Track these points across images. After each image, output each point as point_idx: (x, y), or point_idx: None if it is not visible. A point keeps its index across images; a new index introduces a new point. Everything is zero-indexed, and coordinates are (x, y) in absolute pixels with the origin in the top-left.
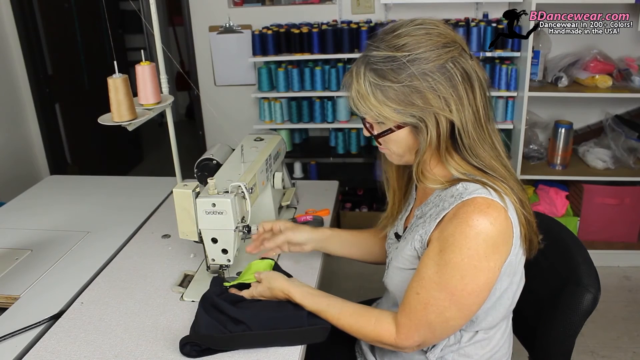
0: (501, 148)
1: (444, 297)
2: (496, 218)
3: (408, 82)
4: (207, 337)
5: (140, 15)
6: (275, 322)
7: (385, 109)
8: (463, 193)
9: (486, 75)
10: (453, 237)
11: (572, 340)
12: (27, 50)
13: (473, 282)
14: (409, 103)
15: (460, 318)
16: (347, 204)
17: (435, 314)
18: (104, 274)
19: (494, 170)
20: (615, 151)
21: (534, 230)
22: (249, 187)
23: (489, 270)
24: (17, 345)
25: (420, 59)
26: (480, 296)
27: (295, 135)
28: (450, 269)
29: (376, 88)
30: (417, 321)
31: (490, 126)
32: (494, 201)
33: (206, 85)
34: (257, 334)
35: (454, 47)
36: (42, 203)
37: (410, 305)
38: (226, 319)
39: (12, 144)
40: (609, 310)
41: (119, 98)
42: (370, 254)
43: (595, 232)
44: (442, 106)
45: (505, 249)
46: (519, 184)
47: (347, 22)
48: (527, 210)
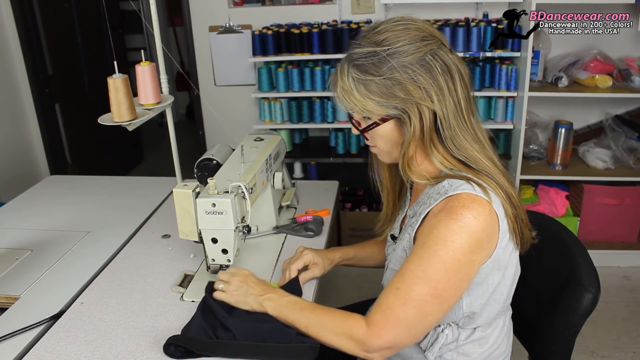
0: (486, 142)
1: (425, 292)
2: (480, 213)
3: (389, 75)
4: (192, 340)
5: (140, 15)
6: (262, 335)
7: (368, 103)
8: (448, 190)
9: (467, 70)
10: (437, 230)
11: (572, 340)
12: (27, 50)
13: (455, 275)
14: (391, 95)
15: (439, 312)
16: (347, 204)
17: (416, 309)
18: (104, 274)
19: (477, 163)
20: (615, 151)
21: (525, 223)
22: (249, 187)
23: (471, 264)
24: (17, 345)
25: (400, 52)
26: (460, 289)
27: (295, 135)
28: (433, 262)
29: (359, 83)
30: (394, 318)
31: (474, 119)
32: (478, 196)
33: (206, 85)
34: (243, 344)
35: (432, 40)
36: (42, 203)
37: (388, 302)
38: (218, 324)
39: (12, 144)
40: (609, 310)
41: (119, 98)
42: (381, 261)
43: (595, 232)
44: (423, 96)
45: (489, 244)
46: (507, 178)
47: (347, 22)
48: (514, 204)
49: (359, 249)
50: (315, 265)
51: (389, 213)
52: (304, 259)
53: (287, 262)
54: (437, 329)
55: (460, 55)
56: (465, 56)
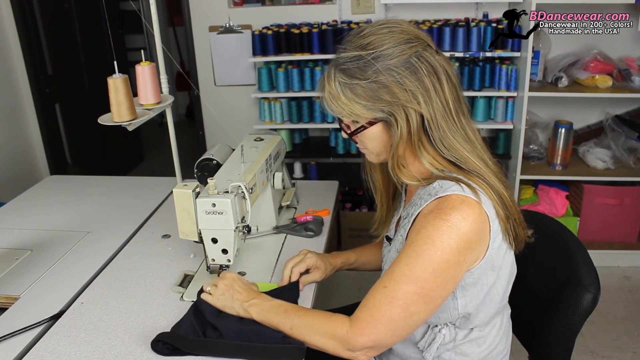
0: (478, 141)
1: (413, 290)
2: (469, 214)
3: (374, 78)
4: (179, 338)
5: (140, 15)
6: (248, 335)
7: (355, 106)
8: (438, 191)
9: (455, 70)
10: (426, 229)
11: (572, 340)
12: (27, 50)
13: (443, 275)
14: (377, 98)
15: (424, 312)
16: (347, 204)
17: (401, 308)
18: (104, 274)
19: (468, 164)
20: (615, 151)
21: (519, 223)
22: (249, 187)
23: (459, 265)
24: (17, 345)
25: (385, 55)
26: (446, 289)
27: (295, 135)
28: (422, 262)
29: (345, 87)
30: (379, 316)
31: (464, 119)
32: (468, 197)
33: (206, 85)
34: (229, 343)
35: (417, 42)
36: (42, 203)
37: (374, 300)
38: (208, 324)
39: (12, 144)
40: (609, 310)
41: (119, 98)
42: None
43: (595, 232)
44: (410, 99)
45: (479, 245)
46: (499, 178)
47: (347, 22)
48: (507, 204)
49: (360, 253)
50: (317, 269)
51: (383, 215)
52: (307, 262)
53: (289, 262)
54: (434, 329)
55: (460, 55)
56: (465, 56)
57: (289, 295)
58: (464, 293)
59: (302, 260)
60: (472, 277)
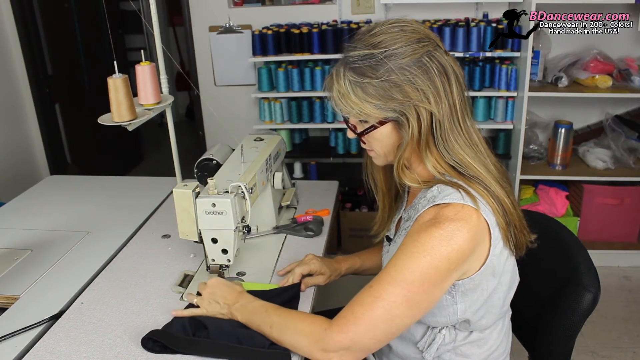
0: (482, 145)
1: (397, 293)
2: (464, 225)
3: (386, 77)
4: (169, 336)
5: (140, 15)
6: (237, 337)
7: (366, 106)
8: (437, 197)
9: (462, 72)
10: (418, 234)
11: (572, 340)
12: (27, 50)
13: (430, 280)
14: (389, 98)
15: (407, 317)
16: (347, 204)
17: (384, 309)
18: (104, 274)
19: (469, 169)
20: (615, 151)
21: (520, 229)
22: (249, 187)
23: (448, 273)
24: (17, 345)
25: (397, 54)
26: (432, 296)
27: (295, 135)
28: (410, 265)
29: (356, 86)
30: (360, 314)
31: (469, 122)
32: (465, 206)
33: (206, 85)
34: (218, 344)
35: (428, 42)
36: (42, 203)
37: (359, 299)
38: (200, 325)
39: (12, 144)
40: (609, 310)
41: (119, 98)
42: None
43: (595, 232)
44: (421, 98)
45: (475, 255)
46: (501, 184)
47: (347, 22)
48: (507, 211)
49: (365, 258)
50: (322, 274)
51: (385, 216)
52: (310, 266)
53: (293, 265)
54: (434, 329)
55: (460, 55)
56: (465, 56)
57: (289, 295)
58: (463, 298)
59: (306, 263)
60: (473, 283)
